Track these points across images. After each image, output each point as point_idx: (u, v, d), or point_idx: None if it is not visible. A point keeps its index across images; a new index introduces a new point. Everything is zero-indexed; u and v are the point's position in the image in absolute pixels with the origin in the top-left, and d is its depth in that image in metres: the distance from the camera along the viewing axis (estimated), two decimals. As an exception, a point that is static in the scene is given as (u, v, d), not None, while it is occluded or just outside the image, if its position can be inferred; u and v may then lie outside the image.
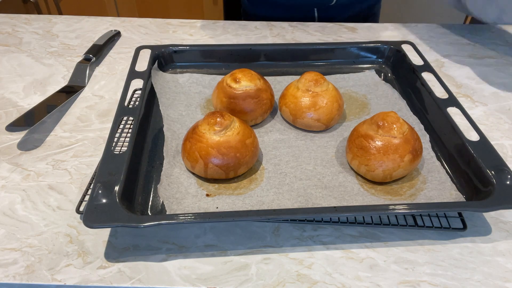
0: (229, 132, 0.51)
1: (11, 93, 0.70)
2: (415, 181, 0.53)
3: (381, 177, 0.51)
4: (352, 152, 0.53)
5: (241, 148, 0.51)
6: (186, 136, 0.53)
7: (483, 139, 0.53)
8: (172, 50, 0.73)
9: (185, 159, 0.53)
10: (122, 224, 0.43)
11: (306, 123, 0.59)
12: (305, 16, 0.99)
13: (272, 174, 0.54)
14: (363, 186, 0.52)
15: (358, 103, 0.66)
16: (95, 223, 0.42)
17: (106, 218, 0.43)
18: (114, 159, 0.49)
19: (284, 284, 0.44)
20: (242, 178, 0.53)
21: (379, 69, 0.74)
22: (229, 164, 0.50)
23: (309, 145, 0.58)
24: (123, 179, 0.47)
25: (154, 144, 0.58)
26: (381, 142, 0.51)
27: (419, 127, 0.60)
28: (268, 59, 0.74)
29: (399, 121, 0.52)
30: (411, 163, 0.51)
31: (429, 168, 0.54)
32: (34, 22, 0.92)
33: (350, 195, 0.51)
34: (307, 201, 0.50)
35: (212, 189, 0.51)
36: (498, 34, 0.88)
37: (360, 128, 0.54)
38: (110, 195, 0.45)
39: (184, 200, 0.49)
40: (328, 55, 0.75)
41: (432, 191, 0.51)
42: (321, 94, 0.59)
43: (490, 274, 0.45)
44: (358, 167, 0.52)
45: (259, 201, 0.50)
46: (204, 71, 0.73)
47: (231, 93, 0.59)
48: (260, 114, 0.60)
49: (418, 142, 0.52)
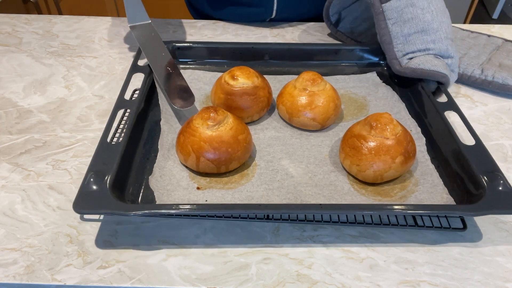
0: (222, 127, 0.52)
1: (11, 93, 0.70)
2: (407, 183, 0.53)
3: (372, 178, 0.51)
4: (344, 152, 0.53)
5: (233, 144, 0.52)
6: (181, 130, 0.54)
7: (478, 143, 0.53)
8: (175, 46, 0.73)
9: (178, 152, 0.53)
10: (111, 211, 0.44)
11: (302, 121, 0.60)
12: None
13: (264, 171, 0.54)
14: (354, 186, 0.52)
15: (357, 104, 0.66)
16: (84, 210, 0.44)
17: (95, 205, 0.44)
18: (109, 149, 0.50)
19: (284, 284, 0.44)
20: (233, 173, 0.54)
21: (381, 71, 0.74)
22: (221, 159, 0.51)
23: (304, 144, 0.59)
24: (115, 168, 0.48)
25: (150, 137, 0.58)
26: (373, 143, 0.50)
27: (416, 130, 0.60)
28: (271, 58, 0.75)
29: (393, 123, 0.51)
30: (403, 165, 0.50)
31: (423, 171, 0.54)
32: (34, 22, 0.92)
33: (339, 194, 0.51)
34: (296, 198, 0.50)
35: (203, 182, 0.52)
36: (497, 34, 0.88)
37: (354, 128, 0.54)
38: (101, 183, 0.46)
39: (175, 192, 0.50)
40: (330, 56, 0.75)
41: (423, 194, 0.51)
42: (318, 93, 0.59)
43: (490, 274, 0.45)
44: (349, 167, 0.52)
45: (248, 196, 0.50)
46: (206, 68, 0.73)
47: (228, 89, 0.59)
48: (256, 112, 0.61)
49: (411, 144, 0.52)
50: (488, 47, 0.78)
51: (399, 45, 0.67)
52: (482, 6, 2.74)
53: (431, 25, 0.65)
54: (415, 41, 0.66)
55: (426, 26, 0.65)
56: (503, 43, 0.79)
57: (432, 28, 0.65)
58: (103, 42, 0.85)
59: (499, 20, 2.55)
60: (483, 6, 2.74)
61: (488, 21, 2.57)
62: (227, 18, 0.94)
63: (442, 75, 0.63)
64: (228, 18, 0.94)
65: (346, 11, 0.85)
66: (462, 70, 0.73)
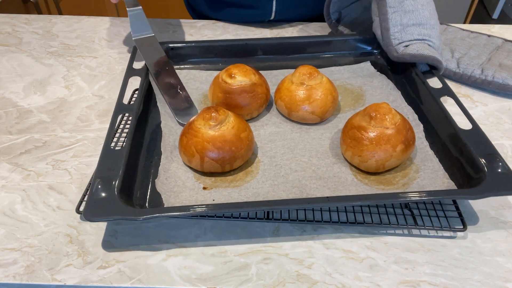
0: (224, 127, 0.52)
1: (11, 93, 0.70)
2: (408, 170, 0.53)
3: (374, 167, 0.52)
4: (345, 144, 0.54)
5: (236, 142, 0.52)
6: (183, 132, 0.54)
7: (475, 127, 0.54)
8: (169, 47, 0.73)
9: (182, 154, 0.53)
10: (121, 217, 0.44)
11: (301, 116, 0.60)
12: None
13: (268, 167, 0.54)
14: (357, 176, 0.53)
15: (354, 95, 0.67)
16: (95, 217, 0.44)
17: (105, 211, 0.44)
18: (113, 154, 0.50)
19: (284, 284, 0.44)
20: (238, 171, 0.54)
21: (374, 60, 0.75)
22: (225, 158, 0.51)
23: (304, 138, 0.59)
24: (121, 174, 0.48)
25: (152, 139, 0.58)
26: (373, 133, 0.51)
27: (413, 117, 0.61)
28: (265, 53, 0.75)
29: (391, 112, 0.52)
30: (404, 153, 0.51)
31: (422, 158, 0.55)
32: (34, 22, 0.92)
33: (344, 186, 0.51)
34: (301, 192, 0.51)
35: (209, 182, 0.52)
36: (497, 34, 0.88)
37: (353, 119, 0.55)
38: (109, 189, 0.46)
39: (182, 194, 0.50)
40: (324, 48, 0.76)
41: (425, 180, 0.51)
42: (315, 87, 0.59)
43: (490, 274, 0.45)
44: (351, 158, 0.53)
45: (255, 193, 0.51)
46: (201, 67, 0.74)
47: (227, 88, 0.60)
48: (255, 108, 0.61)
49: (411, 132, 0.53)
50: (488, 47, 0.78)
51: (396, 33, 0.68)
52: (482, 6, 2.74)
53: (429, 21, 0.68)
54: (412, 32, 0.68)
55: (424, 21, 0.68)
56: (503, 43, 0.79)
57: (430, 23, 0.68)
58: (103, 42, 0.85)
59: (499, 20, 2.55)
60: (483, 6, 2.74)
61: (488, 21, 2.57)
62: (225, 19, 0.94)
63: (439, 60, 0.66)
64: (226, 20, 0.94)
65: (346, 10, 0.85)
66: (462, 70, 0.73)
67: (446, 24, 0.85)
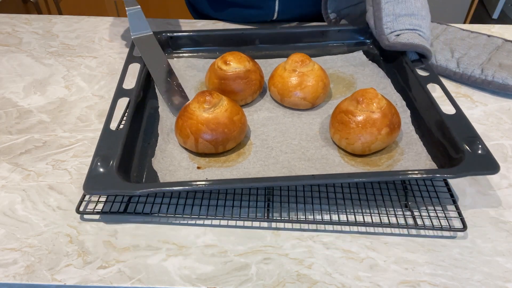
0: (218, 110, 0.54)
1: (11, 93, 0.70)
2: (393, 153, 0.56)
3: (360, 150, 0.54)
4: (334, 127, 0.56)
5: (229, 124, 0.54)
6: (179, 114, 0.57)
7: (458, 112, 0.56)
8: (168, 36, 0.75)
9: (178, 135, 0.56)
10: (119, 190, 0.46)
11: (293, 101, 0.62)
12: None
13: (259, 149, 0.56)
14: (344, 158, 0.55)
15: (345, 82, 0.69)
16: (94, 190, 0.47)
17: (104, 185, 0.47)
18: (112, 135, 0.53)
19: (284, 284, 0.44)
20: (230, 152, 0.56)
21: (367, 50, 0.77)
22: (218, 139, 0.53)
23: (296, 122, 0.61)
24: (120, 152, 0.51)
25: (150, 123, 0.61)
26: (360, 117, 0.53)
27: (401, 104, 0.63)
28: (261, 43, 0.78)
29: (377, 97, 0.54)
30: (388, 136, 0.53)
31: (408, 141, 0.57)
32: (34, 22, 0.92)
33: (331, 166, 0.53)
34: (290, 172, 0.53)
35: (203, 162, 0.55)
36: (497, 34, 0.88)
37: (342, 104, 0.57)
38: (108, 166, 0.49)
39: (177, 172, 0.52)
40: (318, 38, 0.78)
41: (408, 162, 0.54)
42: (307, 73, 0.61)
43: (490, 274, 0.45)
44: (339, 140, 0.55)
45: (246, 172, 0.53)
46: (199, 56, 0.76)
47: (222, 74, 0.62)
48: (249, 94, 0.63)
49: (396, 117, 0.55)
50: (488, 47, 0.78)
51: (389, 23, 0.70)
52: (482, 6, 2.74)
53: (420, 12, 0.71)
54: (404, 22, 0.70)
55: (416, 11, 0.70)
56: (503, 43, 0.79)
57: (421, 14, 0.71)
58: (103, 42, 0.85)
59: (499, 20, 2.55)
60: (483, 6, 2.74)
61: (488, 21, 2.57)
62: (227, 19, 0.94)
63: (428, 49, 0.68)
64: (229, 20, 0.94)
65: (345, 11, 0.85)
66: (462, 70, 0.73)
67: (446, 24, 0.85)
